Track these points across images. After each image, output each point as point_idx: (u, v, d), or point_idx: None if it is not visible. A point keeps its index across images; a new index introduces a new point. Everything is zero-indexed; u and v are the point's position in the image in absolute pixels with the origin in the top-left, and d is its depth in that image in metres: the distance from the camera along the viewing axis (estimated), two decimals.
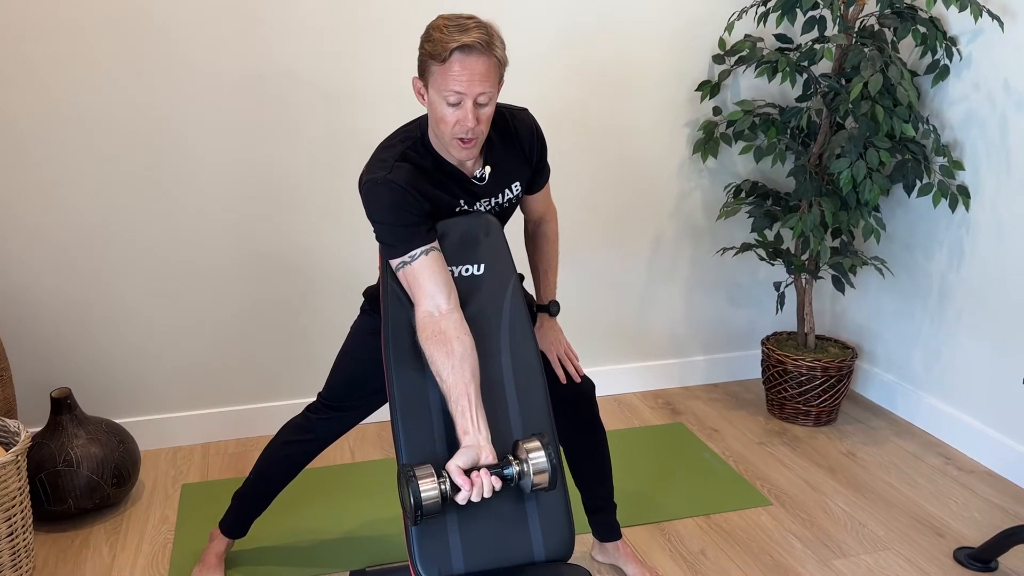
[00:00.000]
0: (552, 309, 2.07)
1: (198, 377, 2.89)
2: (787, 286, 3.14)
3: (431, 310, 1.63)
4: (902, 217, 3.11)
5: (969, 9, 2.53)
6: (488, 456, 1.51)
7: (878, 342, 3.29)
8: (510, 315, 1.71)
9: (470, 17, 1.64)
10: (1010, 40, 2.60)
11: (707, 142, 3.11)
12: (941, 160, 2.84)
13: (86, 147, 2.60)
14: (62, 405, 2.43)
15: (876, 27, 2.81)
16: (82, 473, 2.39)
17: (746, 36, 2.99)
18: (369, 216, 1.70)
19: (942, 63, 2.85)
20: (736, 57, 3.03)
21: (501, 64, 1.65)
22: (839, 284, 3.01)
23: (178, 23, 2.57)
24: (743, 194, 3.13)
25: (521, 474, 1.52)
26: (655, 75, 3.07)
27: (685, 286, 3.34)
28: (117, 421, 2.79)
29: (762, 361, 3.18)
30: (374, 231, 1.72)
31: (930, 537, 2.41)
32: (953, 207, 2.77)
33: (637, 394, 3.34)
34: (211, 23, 2.60)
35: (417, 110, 2.82)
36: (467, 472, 1.47)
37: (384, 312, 1.69)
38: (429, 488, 1.45)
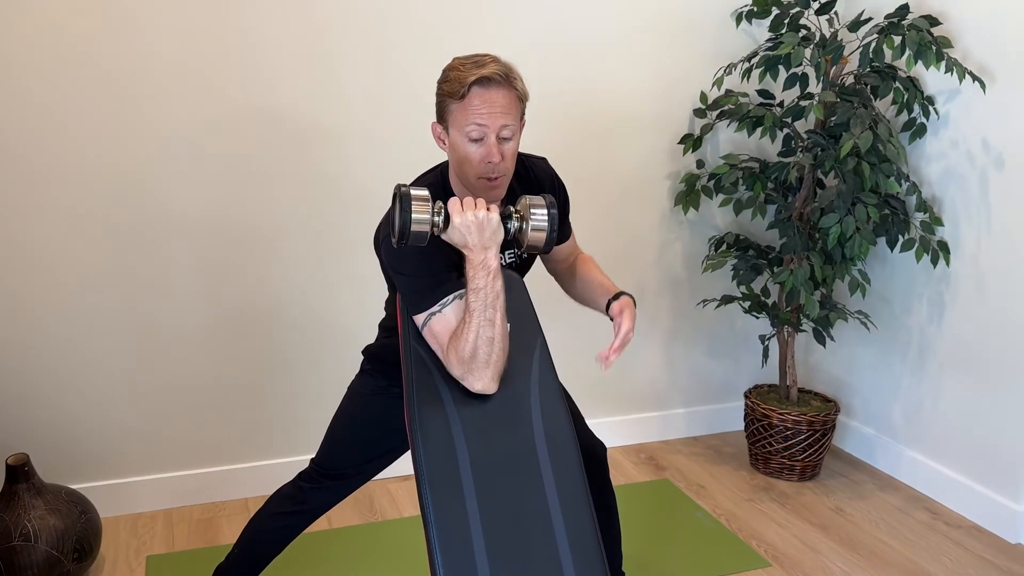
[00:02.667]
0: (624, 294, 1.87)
1: (161, 437, 2.69)
2: (769, 339, 3.13)
3: None
4: (879, 271, 3.14)
5: (954, 71, 2.58)
6: None
7: (855, 395, 3.29)
8: (539, 377, 1.62)
9: (486, 54, 1.60)
10: (989, 100, 2.67)
11: (688, 194, 3.10)
12: (921, 216, 2.88)
13: (42, 193, 2.42)
14: (19, 473, 2.22)
15: (857, 85, 2.85)
16: (40, 548, 2.18)
17: (727, 92, 3.01)
18: (393, 268, 1.60)
19: (919, 121, 2.90)
20: (718, 111, 3.04)
21: (522, 98, 1.60)
22: (820, 337, 3.01)
23: (146, 63, 2.44)
24: (725, 246, 3.11)
25: (520, 230, 1.54)
26: (637, 128, 3.05)
27: (666, 338, 3.30)
28: (71, 486, 2.57)
29: (745, 415, 3.15)
30: (397, 285, 1.62)
31: None
32: (935, 262, 2.80)
33: (619, 448, 3.26)
34: (181, 63, 2.47)
35: (399, 153, 2.75)
36: None
37: (407, 377, 1.58)
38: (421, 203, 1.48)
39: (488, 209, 1.51)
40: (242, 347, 2.72)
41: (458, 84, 1.56)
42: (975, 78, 2.60)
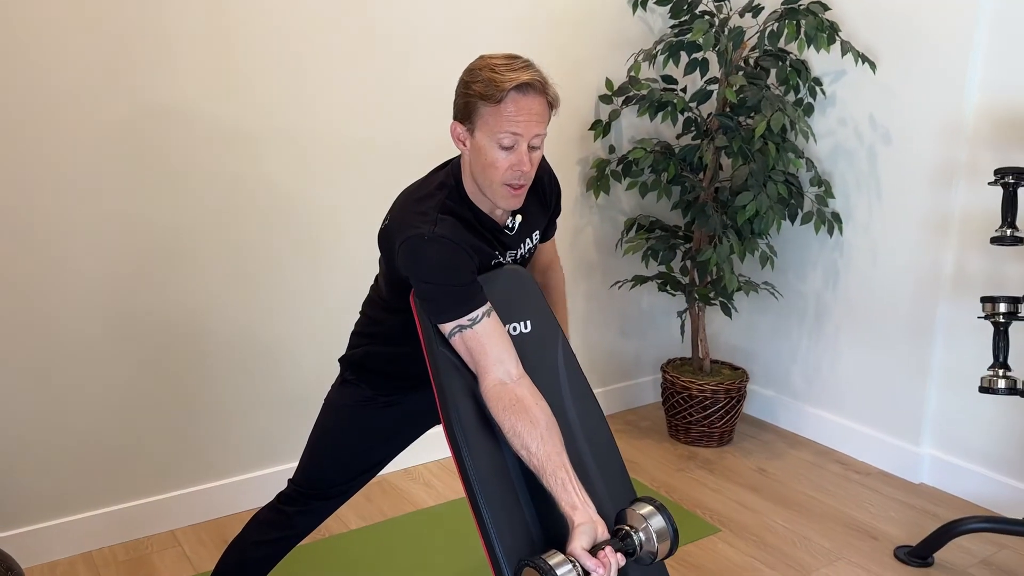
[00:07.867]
0: None
1: (71, 473, 2.41)
2: (683, 314, 3.25)
3: (502, 378, 1.48)
4: (773, 243, 3.33)
5: (849, 53, 2.78)
6: (603, 531, 1.38)
7: (755, 361, 3.50)
8: (566, 372, 1.60)
9: (516, 56, 1.54)
10: (875, 80, 2.90)
11: (599, 179, 3.15)
12: (816, 190, 3.09)
13: None
14: None
15: (754, 68, 3.00)
16: None
17: (631, 78, 3.08)
18: (415, 275, 1.52)
19: (805, 101, 3.10)
20: (624, 97, 3.11)
21: (552, 105, 1.56)
22: (726, 309, 3.17)
23: (40, 55, 2.17)
24: (636, 228, 3.20)
25: (642, 544, 1.40)
26: None
27: (581, 320, 3.35)
28: None
29: (664, 388, 3.26)
30: (417, 291, 1.53)
31: (868, 541, 2.58)
32: (831, 232, 3.02)
33: None
34: (80, 56, 2.21)
35: (320, 155, 2.61)
36: (592, 553, 1.34)
37: (438, 384, 1.51)
38: None
39: (617, 553, 1.37)
40: (157, 365, 2.49)
41: (494, 87, 1.48)
42: (866, 60, 2.81)
